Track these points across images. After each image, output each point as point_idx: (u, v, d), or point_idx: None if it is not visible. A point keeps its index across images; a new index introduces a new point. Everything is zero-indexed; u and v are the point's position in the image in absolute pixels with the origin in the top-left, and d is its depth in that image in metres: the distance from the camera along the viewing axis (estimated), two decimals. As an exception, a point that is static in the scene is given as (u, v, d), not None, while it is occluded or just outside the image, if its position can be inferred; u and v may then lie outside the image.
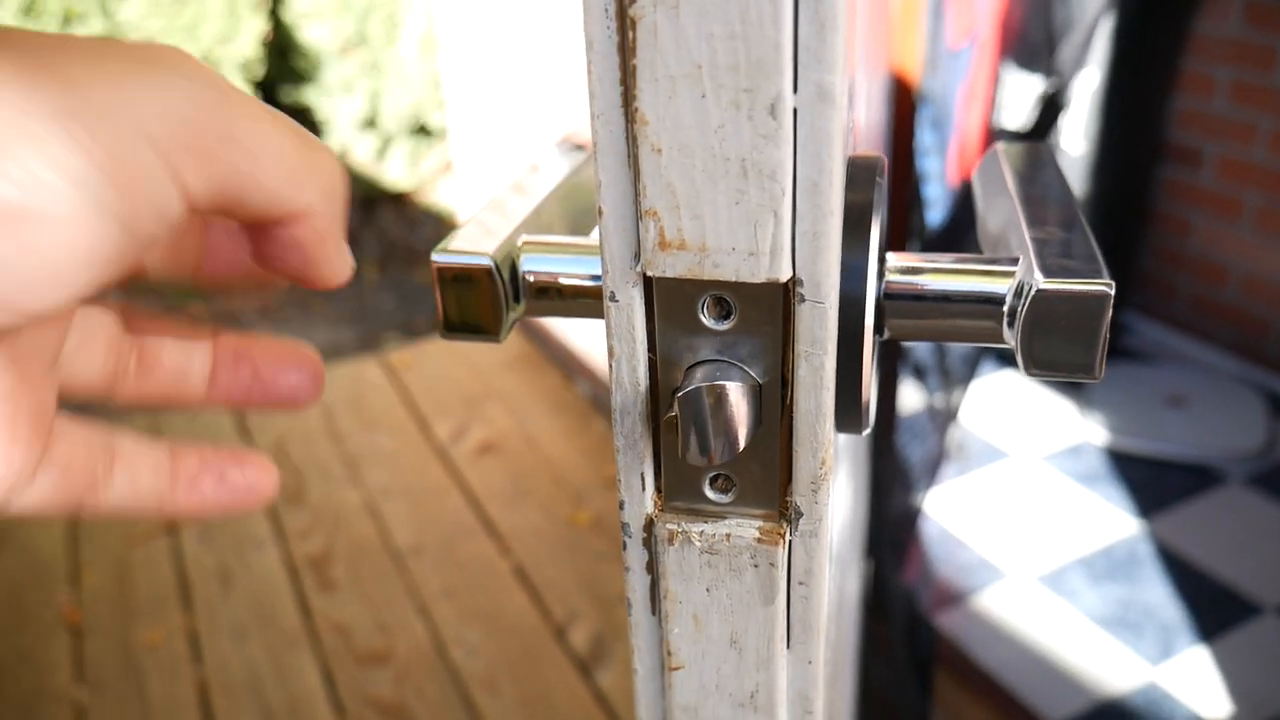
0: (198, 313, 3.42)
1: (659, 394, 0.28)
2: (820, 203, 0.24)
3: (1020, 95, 1.73)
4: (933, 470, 1.74)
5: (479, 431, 2.49)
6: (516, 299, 0.35)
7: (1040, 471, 2.19)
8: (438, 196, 3.99)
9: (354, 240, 3.92)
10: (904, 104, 1.42)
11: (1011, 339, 0.31)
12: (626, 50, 0.23)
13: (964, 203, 1.60)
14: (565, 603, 1.95)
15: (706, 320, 0.27)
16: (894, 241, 1.47)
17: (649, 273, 0.26)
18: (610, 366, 0.28)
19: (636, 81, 0.24)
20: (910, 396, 1.56)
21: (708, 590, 0.30)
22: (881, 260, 0.33)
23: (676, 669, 0.31)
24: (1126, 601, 1.88)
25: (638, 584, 0.31)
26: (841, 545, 0.50)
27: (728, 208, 0.24)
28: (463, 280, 0.34)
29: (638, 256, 0.26)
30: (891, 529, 1.56)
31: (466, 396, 2.64)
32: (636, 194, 0.25)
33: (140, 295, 3.46)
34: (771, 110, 0.23)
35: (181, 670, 1.84)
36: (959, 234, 1.48)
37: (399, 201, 4.06)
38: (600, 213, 0.26)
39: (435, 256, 0.34)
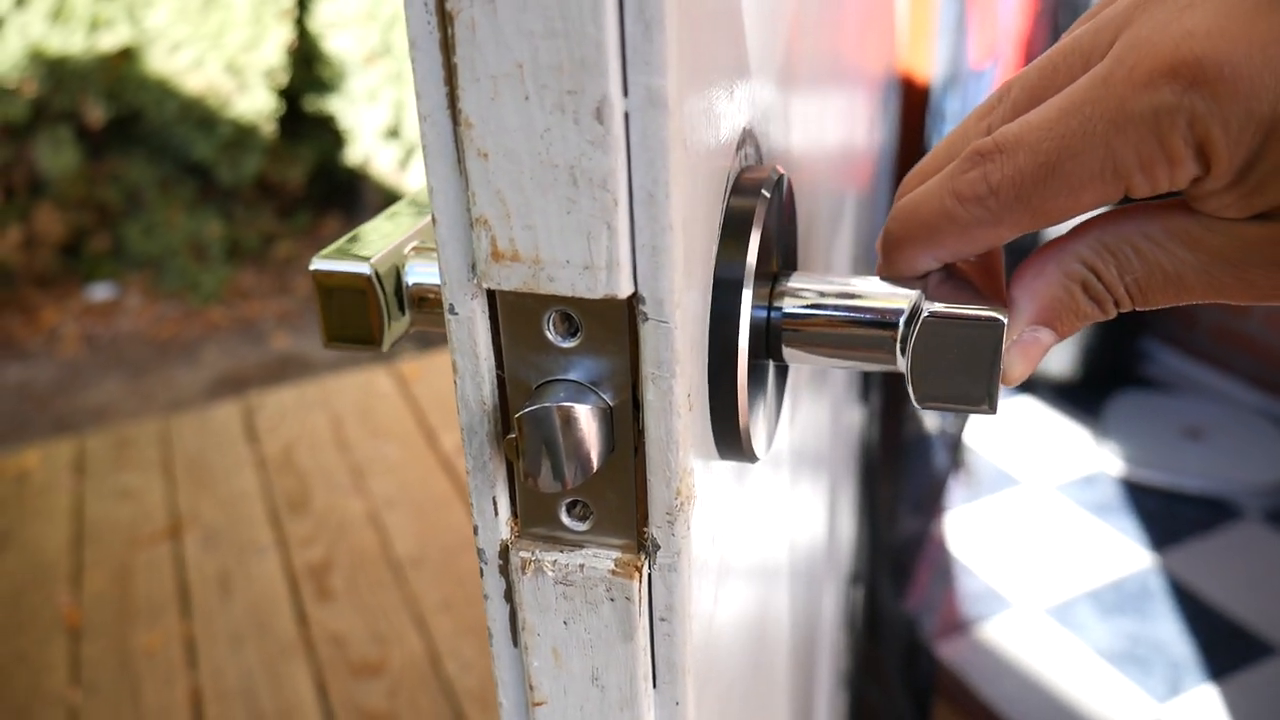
0: (218, 318, 3.44)
1: (509, 413, 0.27)
2: (657, 215, 0.23)
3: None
4: (941, 496, 1.71)
5: (486, 444, 2.48)
6: (401, 309, 0.34)
7: (1052, 500, 2.15)
8: (459, 208, 4.00)
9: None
10: (913, 123, 1.40)
11: (903, 365, 0.30)
12: (448, 48, 0.22)
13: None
14: (563, 619, 1.93)
15: (552, 337, 0.25)
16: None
17: (485, 285, 0.24)
18: (455, 384, 0.26)
19: (459, 81, 0.22)
20: (918, 421, 1.54)
21: (565, 623, 0.28)
22: (774, 279, 0.32)
23: (539, 704, 0.30)
24: (1136, 637, 1.84)
25: (497, 613, 0.29)
26: (772, 571, 0.48)
27: (559, 217, 0.23)
28: (341, 289, 0.32)
29: (474, 268, 0.24)
30: (893, 554, 1.53)
31: (476, 408, 2.63)
32: (468, 201, 0.23)
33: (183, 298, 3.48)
34: (598, 114, 0.22)
35: (176, 676, 1.83)
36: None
37: (421, 212, 4.07)
38: (434, 221, 0.24)
39: (314, 264, 0.33)
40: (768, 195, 0.29)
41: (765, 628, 0.46)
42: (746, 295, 0.28)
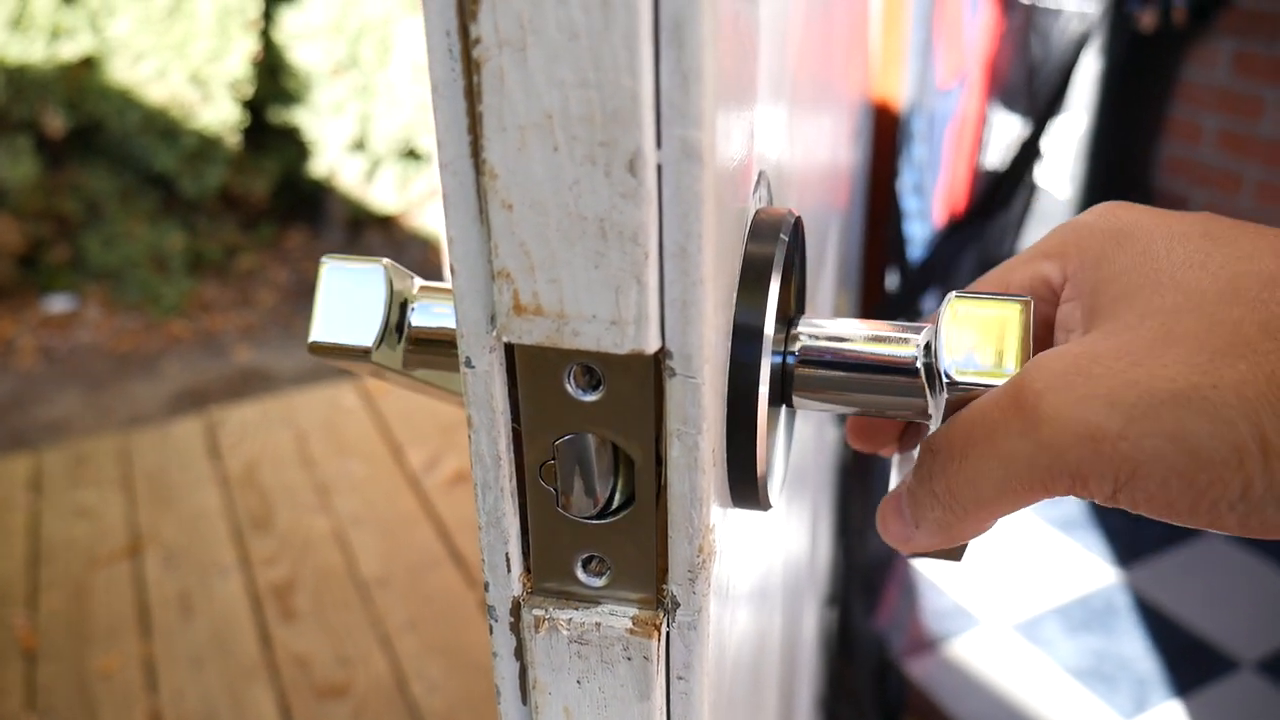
0: (180, 331, 3.39)
1: (525, 468, 0.26)
2: (689, 269, 0.22)
3: (1005, 136, 1.72)
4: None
5: (453, 460, 2.46)
6: (399, 337, 0.33)
7: (1018, 517, 2.16)
8: (425, 220, 3.97)
9: (339, 262, 3.90)
10: (885, 142, 1.41)
11: (934, 410, 0.29)
12: (473, 95, 0.21)
13: (948, 240, 1.58)
14: (532, 639, 1.91)
15: (573, 390, 0.24)
16: (872, 280, 1.45)
17: (505, 339, 0.23)
18: (469, 438, 0.25)
19: (483, 130, 0.21)
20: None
21: (579, 682, 0.27)
22: (790, 323, 0.31)
23: (549, 764, 0.29)
24: (1102, 653, 1.85)
25: (506, 671, 0.28)
26: (770, 604, 0.47)
27: (586, 271, 0.22)
28: (349, 274, 0.32)
29: (494, 320, 0.23)
30: (864, 574, 1.53)
31: (442, 424, 2.61)
32: (489, 253, 0.23)
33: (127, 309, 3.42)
34: (630, 167, 0.21)
35: (135, 699, 1.79)
36: (943, 272, 1.45)
37: (386, 224, 4.04)
38: (453, 272, 0.23)
39: (325, 258, 0.32)
40: (785, 239, 0.29)
41: (763, 663, 0.45)
42: (766, 344, 0.27)
